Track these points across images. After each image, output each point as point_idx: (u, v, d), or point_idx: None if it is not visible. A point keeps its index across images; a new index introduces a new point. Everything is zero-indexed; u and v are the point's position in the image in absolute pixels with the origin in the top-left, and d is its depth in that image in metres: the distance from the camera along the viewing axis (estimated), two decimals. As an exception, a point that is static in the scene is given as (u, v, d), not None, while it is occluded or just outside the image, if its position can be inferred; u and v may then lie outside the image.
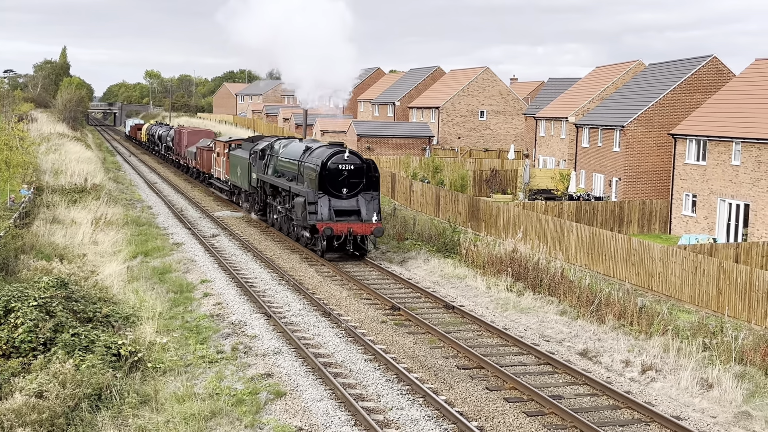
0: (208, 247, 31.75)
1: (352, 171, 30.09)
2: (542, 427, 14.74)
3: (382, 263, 29.59)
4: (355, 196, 30.13)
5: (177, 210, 42.71)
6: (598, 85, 59.41)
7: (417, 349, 19.33)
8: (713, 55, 47.50)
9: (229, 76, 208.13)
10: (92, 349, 16.79)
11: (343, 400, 15.70)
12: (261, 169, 36.96)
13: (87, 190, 41.92)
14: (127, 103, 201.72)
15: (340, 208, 29.88)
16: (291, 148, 34.82)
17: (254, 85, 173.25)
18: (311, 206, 29.59)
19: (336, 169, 29.94)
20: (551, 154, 61.46)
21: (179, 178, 62.18)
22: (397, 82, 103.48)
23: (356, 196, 30.13)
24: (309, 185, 30.54)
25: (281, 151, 35.51)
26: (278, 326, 20.76)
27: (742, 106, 39.81)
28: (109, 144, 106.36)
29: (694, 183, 40.66)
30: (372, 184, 30.47)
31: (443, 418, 15.03)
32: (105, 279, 24.18)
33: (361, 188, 30.25)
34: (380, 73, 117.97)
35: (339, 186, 29.99)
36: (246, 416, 14.75)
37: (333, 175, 29.91)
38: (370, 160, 30.88)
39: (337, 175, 29.94)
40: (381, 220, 30.50)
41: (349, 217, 29.86)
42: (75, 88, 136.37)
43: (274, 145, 36.79)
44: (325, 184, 29.83)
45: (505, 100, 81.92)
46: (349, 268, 28.77)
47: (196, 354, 18.38)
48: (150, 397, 15.43)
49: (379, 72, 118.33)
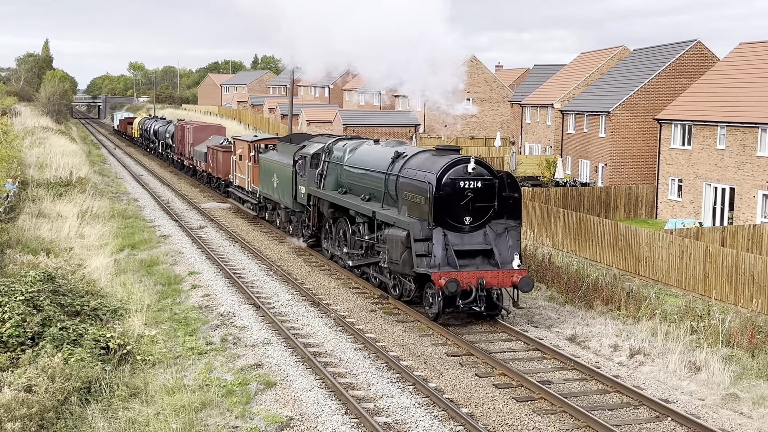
0: (196, 238, 31.66)
1: (479, 191, 20.20)
2: (532, 413, 14.81)
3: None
4: (482, 228, 20.43)
5: (163, 202, 42.55)
6: (583, 72, 59.50)
7: (406, 338, 19.36)
8: (697, 40, 47.64)
9: (213, 67, 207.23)
10: (81, 343, 16.73)
11: (333, 389, 15.72)
12: (314, 182, 27.28)
13: (72, 184, 41.71)
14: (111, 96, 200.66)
15: (463, 247, 20.14)
16: (365, 152, 25.11)
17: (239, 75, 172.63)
18: (420, 245, 19.94)
19: (457, 189, 20.03)
20: (537, 140, 61.56)
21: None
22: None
23: (483, 228, 20.44)
24: (411, 212, 20.76)
25: (348, 157, 25.82)
26: (267, 317, 20.75)
27: (726, 90, 39.95)
28: (94, 137, 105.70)
29: (679, 168, 40.81)
30: (508, 208, 20.68)
31: (433, 405, 15.07)
32: (92, 272, 24.08)
33: (491, 215, 20.49)
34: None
35: (460, 214, 20.16)
36: (236, 407, 14.75)
37: (452, 198, 20.01)
38: (504, 172, 20.91)
39: (458, 197, 20.04)
40: (523, 262, 21.32)
41: (473, 259, 20.25)
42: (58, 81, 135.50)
43: (334, 148, 27.14)
44: (441, 211, 19.98)
45: (490, 88, 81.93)
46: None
47: (185, 346, 18.35)
48: (140, 389, 15.40)
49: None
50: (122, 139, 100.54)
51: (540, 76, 69.43)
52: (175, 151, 59.98)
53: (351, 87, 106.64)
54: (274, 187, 32.02)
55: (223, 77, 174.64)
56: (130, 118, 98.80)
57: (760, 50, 41.11)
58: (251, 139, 37.18)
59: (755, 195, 35.50)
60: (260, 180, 34.14)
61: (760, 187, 35.27)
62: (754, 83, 38.62)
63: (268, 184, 32.81)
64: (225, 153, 42.84)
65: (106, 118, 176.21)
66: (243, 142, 38.19)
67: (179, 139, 57.37)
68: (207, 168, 47.36)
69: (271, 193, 32.69)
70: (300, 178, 28.75)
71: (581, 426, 14.21)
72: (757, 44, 42.17)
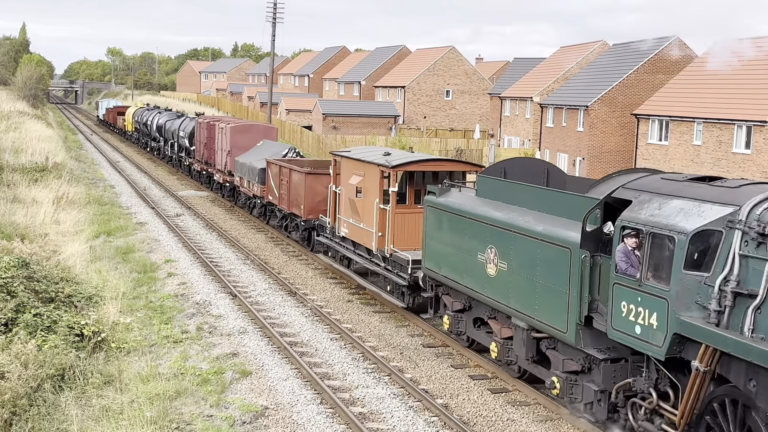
0: (172, 226, 31.49)
1: None
2: (506, 404, 14.89)
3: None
4: None
5: (140, 189, 42.27)
6: (562, 66, 59.71)
7: (383, 328, 19.40)
8: (676, 36, 47.94)
9: (192, 54, 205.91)
10: (55, 330, 16.61)
11: (309, 379, 15.72)
12: (715, 315, 10.82)
13: (48, 169, 41.32)
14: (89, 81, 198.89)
15: None
16: None
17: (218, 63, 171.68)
18: None
19: None
20: (516, 133, 61.74)
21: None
22: (363, 60, 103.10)
23: None
24: None
25: None
26: (243, 306, 20.70)
27: (704, 86, 40.26)
28: (70, 123, 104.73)
29: (656, 163, 41.09)
30: None
31: (409, 395, 15.12)
32: (67, 259, 23.89)
33: None
34: (345, 52, 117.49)
35: None
36: (211, 396, 14.72)
37: None
38: None
39: None
40: None
41: None
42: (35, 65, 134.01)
43: None
44: None
45: (470, 80, 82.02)
46: None
47: (161, 334, 18.27)
48: (114, 377, 15.32)
49: (345, 51, 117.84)
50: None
51: (520, 69, 69.59)
52: (197, 158, 43.94)
53: (331, 77, 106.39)
54: (488, 277, 15.67)
55: (202, 64, 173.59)
56: (121, 107, 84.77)
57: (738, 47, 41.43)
58: (390, 162, 20.47)
59: (730, 191, 35.84)
60: (428, 246, 18.23)
61: (735, 183, 35.60)
62: (731, 80, 38.94)
63: (464, 263, 16.57)
64: (310, 176, 26.25)
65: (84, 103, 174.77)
66: (364, 165, 21.57)
67: (204, 142, 41.78)
68: (265, 194, 30.79)
69: (478, 285, 16.08)
70: (631, 290, 11.84)
71: (554, 417, 14.31)
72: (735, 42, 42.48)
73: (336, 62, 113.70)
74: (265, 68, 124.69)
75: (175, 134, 49.93)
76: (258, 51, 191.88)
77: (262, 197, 31.64)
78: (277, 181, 29.23)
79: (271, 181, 29.94)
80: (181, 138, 47.89)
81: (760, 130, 34.36)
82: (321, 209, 25.87)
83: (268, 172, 30.51)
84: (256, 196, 32.72)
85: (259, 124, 42.47)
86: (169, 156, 53.42)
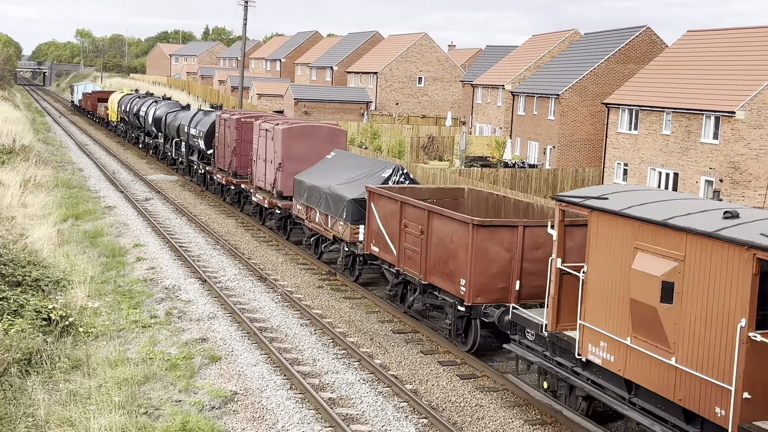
0: (142, 210, 31.26)
1: None
2: (475, 390, 14.99)
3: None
4: None
5: (109, 173, 41.87)
6: (534, 54, 59.90)
7: (353, 314, 19.43)
8: (647, 26, 48.28)
9: (163, 37, 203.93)
10: (21, 314, 16.45)
11: (278, 364, 15.72)
12: None
13: (15, 152, 40.79)
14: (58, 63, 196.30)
15: None
16: None
17: (189, 46, 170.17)
18: None
19: None
20: (488, 121, 61.90)
21: None
22: (336, 46, 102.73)
23: None
24: None
25: None
26: (213, 291, 20.62)
27: (673, 77, 40.60)
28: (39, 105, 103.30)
29: (625, 152, 41.44)
30: None
31: (378, 381, 15.17)
32: (35, 242, 23.63)
33: None
34: (318, 37, 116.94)
35: None
36: (180, 381, 14.67)
37: None
38: None
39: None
40: None
41: None
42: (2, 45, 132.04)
43: None
44: None
45: (443, 67, 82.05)
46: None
47: (129, 319, 18.16)
48: (81, 361, 15.21)
49: (317, 36, 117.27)
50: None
51: (492, 56, 69.71)
52: (220, 166, 33.85)
53: (303, 61, 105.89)
54: None
55: (172, 47, 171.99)
56: (102, 93, 74.90)
57: (707, 38, 41.84)
58: None
59: (698, 180, 36.23)
60: None
61: (703, 173, 36.01)
62: (700, 71, 39.33)
63: None
64: (483, 232, 15.97)
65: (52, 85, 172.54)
66: (691, 239, 10.91)
67: (232, 146, 31.87)
68: (366, 241, 20.38)
69: None
70: None
71: (522, 403, 14.44)
72: (704, 32, 42.91)
73: (308, 47, 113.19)
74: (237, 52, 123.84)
75: (182, 132, 40.03)
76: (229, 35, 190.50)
77: (353, 243, 21.47)
78: (394, 226, 18.88)
79: (380, 223, 19.53)
80: (194, 138, 37.65)
81: (728, 120, 34.77)
82: (498, 288, 16.00)
83: (372, 209, 19.97)
84: (341, 240, 22.26)
85: (320, 125, 29.36)
86: (172, 158, 44.40)
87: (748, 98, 34.37)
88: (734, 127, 34.54)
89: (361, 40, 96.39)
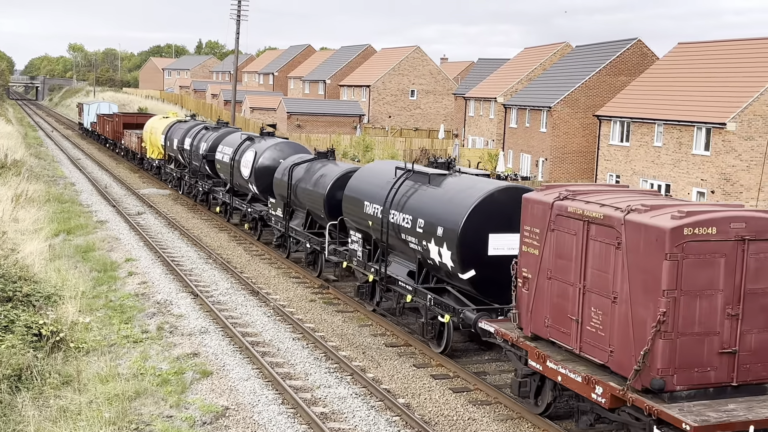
0: (134, 225, 31.18)
1: None
2: (467, 403, 14.95)
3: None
4: None
5: (101, 187, 41.80)
6: (526, 67, 60.08)
7: (346, 328, 19.37)
8: (638, 38, 48.47)
9: (156, 51, 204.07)
10: (12, 329, 16.36)
11: (270, 378, 15.65)
12: None
13: (7, 166, 40.71)
14: (50, 77, 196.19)
15: None
16: None
17: (182, 60, 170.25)
18: None
19: None
20: (480, 134, 62.01)
21: None
22: (328, 59, 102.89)
23: None
24: None
25: None
26: (205, 305, 20.55)
27: (664, 89, 40.76)
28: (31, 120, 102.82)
29: (617, 164, 41.53)
30: None
31: (371, 395, 15.11)
32: (26, 257, 23.53)
33: None
34: (311, 51, 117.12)
35: None
36: (171, 396, 14.59)
37: None
38: None
39: None
40: None
41: None
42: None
43: None
44: None
45: (435, 80, 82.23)
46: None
47: (120, 334, 18.08)
48: (72, 377, 15.13)
49: (310, 49, 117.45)
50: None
51: (484, 69, 69.90)
52: None
53: (296, 75, 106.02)
54: None
55: (165, 61, 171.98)
56: (129, 116, 55.71)
57: (698, 50, 42.04)
58: None
59: (689, 192, 36.32)
60: None
61: (695, 184, 36.10)
62: (691, 83, 39.49)
63: None
64: None
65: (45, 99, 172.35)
66: None
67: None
68: None
69: None
70: None
71: (515, 417, 14.39)
72: (695, 44, 43.12)
73: (301, 60, 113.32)
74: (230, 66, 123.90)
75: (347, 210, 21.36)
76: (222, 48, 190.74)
77: None
78: None
79: None
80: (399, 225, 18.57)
81: (719, 132, 34.89)
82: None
83: None
84: None
85: None
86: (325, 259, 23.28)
87: (739, 110, 34.52)
88: (725, 138, 34.66)
89: (354, 53, 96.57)
